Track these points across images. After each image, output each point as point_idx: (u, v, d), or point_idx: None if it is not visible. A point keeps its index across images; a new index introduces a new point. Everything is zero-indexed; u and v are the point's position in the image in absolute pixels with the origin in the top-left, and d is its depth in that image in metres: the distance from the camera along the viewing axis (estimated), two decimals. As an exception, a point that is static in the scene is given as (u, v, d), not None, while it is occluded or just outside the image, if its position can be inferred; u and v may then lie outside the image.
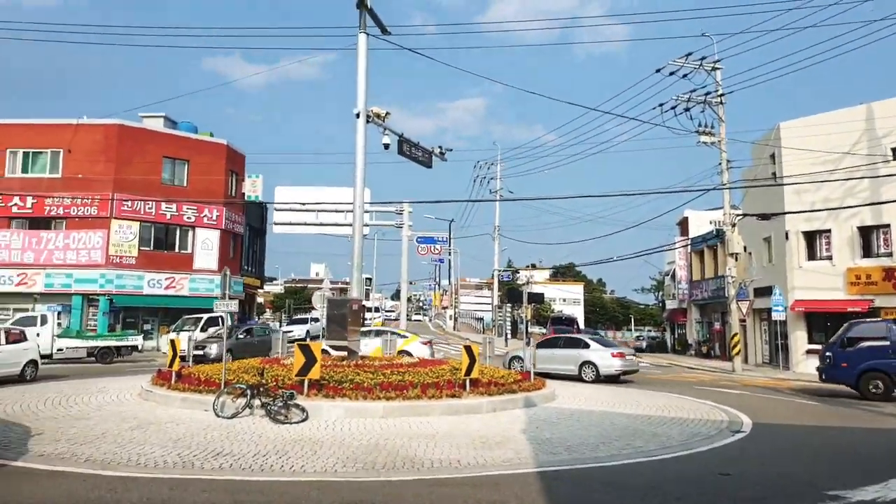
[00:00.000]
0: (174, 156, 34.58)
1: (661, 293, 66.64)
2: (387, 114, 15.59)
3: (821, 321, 27.92)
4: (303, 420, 10.67)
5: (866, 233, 27.31)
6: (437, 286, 57.67)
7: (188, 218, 34.35)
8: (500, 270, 47.72)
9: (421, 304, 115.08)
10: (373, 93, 16.81)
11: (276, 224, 23.37)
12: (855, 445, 10.81)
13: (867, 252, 27.20)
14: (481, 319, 71.10)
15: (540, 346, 22.12)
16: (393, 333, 23.23)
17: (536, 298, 25.73)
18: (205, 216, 34.77)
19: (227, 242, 35.79)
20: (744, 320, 30.56)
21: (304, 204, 22.49)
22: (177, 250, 34.24)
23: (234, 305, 13.56)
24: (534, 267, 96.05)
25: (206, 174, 34.93)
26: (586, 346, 21.25)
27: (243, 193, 37.36)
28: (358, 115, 15.05)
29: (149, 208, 33.05)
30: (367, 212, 26.00)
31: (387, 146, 16.09)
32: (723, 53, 42.66)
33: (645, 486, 7.47)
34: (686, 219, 46.71)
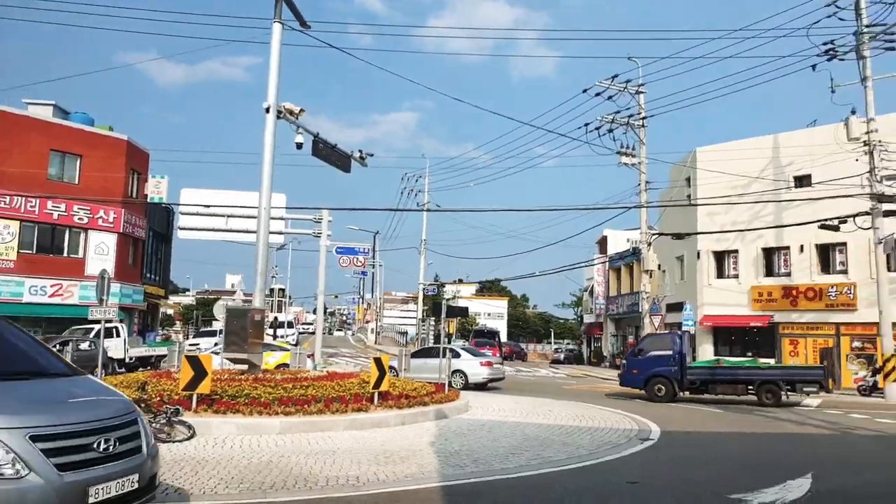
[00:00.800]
0: (64, 149, 30.70)
1: (580, 308, 68.08)
2: (301, 111, 14.91)
3: (726, 335, 29.04)
4: (188, 438, 9.79)
5: (769, 254, 28.65)
6: (360, 300, 56.64)
7: (80, 219, 30.76)
8: (425, 284, 47.36)
9: (345, 318, 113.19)
10: (305, 100, 16.08)
11: (181, 229, 22.02)
12: (754, 450, 11.04)
13: (769, 271, 28.52)
14: (405, 333, 70.49)
15: (414, 355, 23.22)
16: (268, 347, 22.60)
17: (460, 312, 25.60)
18: (100, 217, 31.38)
19: (125, 247, 32.71)
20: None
21: (208, 206, 21.22)
22: (66, 254, 30.64)
23: (111, 312, 12.53)
24: (460, 282, 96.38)
25: (102, 171, 31.36)
26: (457, 355, 22.01)
27: (146, 195, 33.97)
28: (268, 110, 14.35)
29: (31, 206, 29.13)
30: (281, 218, 25.10)
31: (299, 146, 15.42)
32: (647, 77, 44.37)
33: (550, 496, 7.22)
34: (605, 237, 47.94)
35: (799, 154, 27.01)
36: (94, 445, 4.41)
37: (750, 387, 19.26)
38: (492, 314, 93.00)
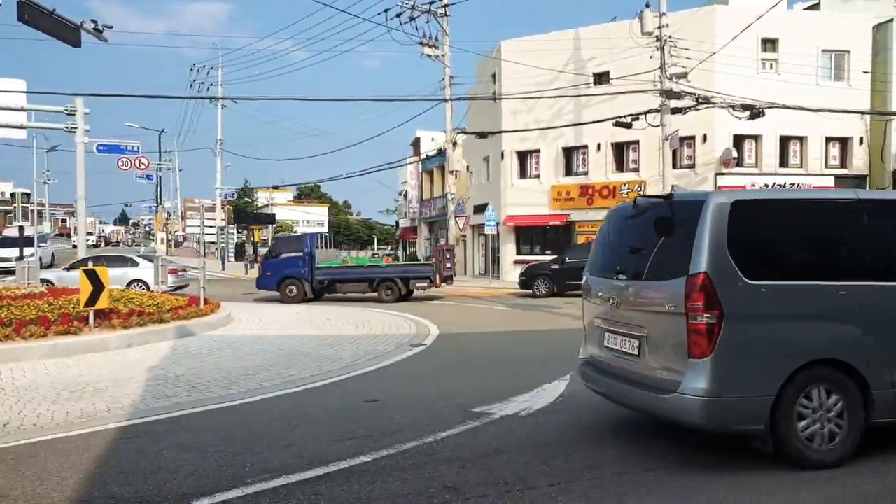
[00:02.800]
0: None
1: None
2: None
3: (528, 234, 29.41)
4: None
5: (569, 153, 28.93)
6: (158, 207, 50.98)
7: None
8: (224, 189, 43.25)
9: (149, 228, 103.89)
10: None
11: None
12: (529, 350, 10.34)
13: (569, 171, 28.91)
14: (214, 243, 65.84)
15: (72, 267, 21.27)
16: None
17: (265, 219, 23.40)
18: None
19: None
20: (463, 236, 31.18)
21: None
22: None
23: None
24: (276, 188, 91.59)
25: None
26: (135, 264, 21.27)
27: None
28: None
29: None
30: (21, 109, 20.72)
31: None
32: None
33: (258, 425, 5.70)
34: (418, 139, 46.69)
35: (599, 50, 26.95)
36: None
37: (373, 284, 19.94)
38: (311, 221, 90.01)
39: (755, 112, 23.43)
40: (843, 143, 27.68)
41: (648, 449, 4.97)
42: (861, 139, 27.54)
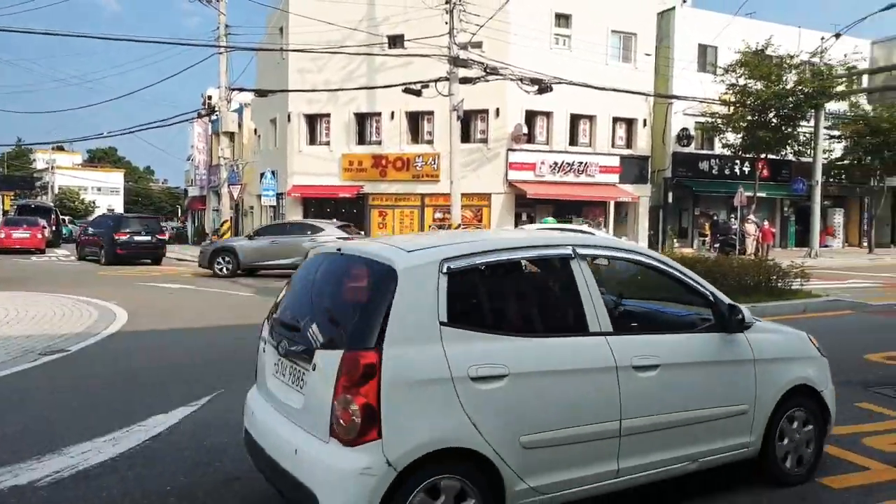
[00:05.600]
0: None
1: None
2: None
3: (317, 206, 27.03)
4: None
5: (362, 120, 26.88)
6: None
7: None
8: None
9: None
10: None
11: None
12: (198, 358, 7.97)
13: (361, 139, 26.89)
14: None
15: None
16: None
17: (20, 183, 18.49)
18: None
19: None
20: (237, 205, 28.14)
21: None
22: None
23: None
24: (60, 149, 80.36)
25: None
26: None
27: None
28: None
29: None
30: None
31: None
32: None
33: None
34: (210, 97, 41.98)
35: (394, 9, 24.97)
36: None
37: None
38: (104, 189, 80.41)
39: (543, 87, 22.82)
40: (629, 124, 28.32)
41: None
42: (645, 121, 28.33)
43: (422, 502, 2.87)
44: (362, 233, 23.40)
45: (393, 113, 26.09)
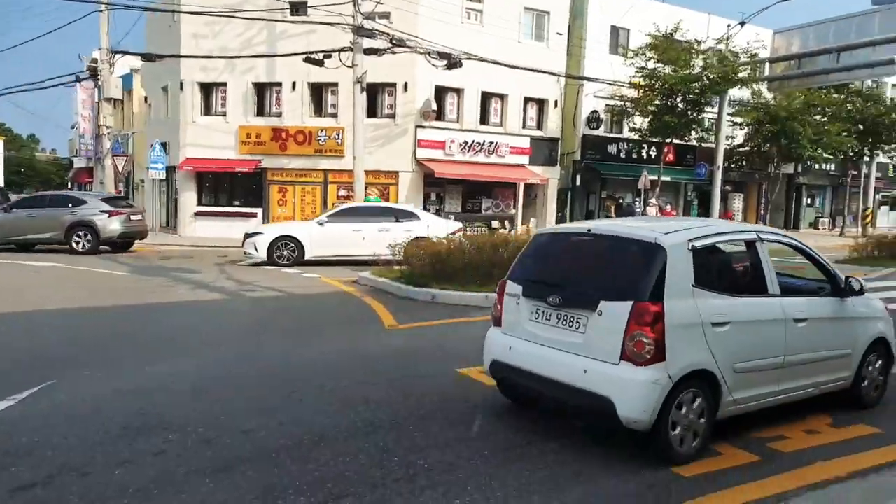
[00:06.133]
0: None
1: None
2: None
3: (212, 181, 25.27)
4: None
5: (261, 90, 25.20)
6: None
7: None
8: None
9: None
10: None
11: None
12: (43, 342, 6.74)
13: (260, 111, 25.23)
14: None
15: None
16: None
17: None
18: None
19: None
20: (126, 178, 25.95)
21: None
22: None
23: None
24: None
25: None
26: None
27: None
28: None
29: None
30: None
31: None
32: None
33: None
34: (95, 60, 38.69)
35: (296, -26, 23.32)
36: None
37: None
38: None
39: (453, 61, 21.93)
40: (541, 104, 27.91)
41: None
42: (556, 102, 28.01)
43: (681, 401, 4.27)
44: (135, 205, 21.93)
45: (294, 84, 24.56)
